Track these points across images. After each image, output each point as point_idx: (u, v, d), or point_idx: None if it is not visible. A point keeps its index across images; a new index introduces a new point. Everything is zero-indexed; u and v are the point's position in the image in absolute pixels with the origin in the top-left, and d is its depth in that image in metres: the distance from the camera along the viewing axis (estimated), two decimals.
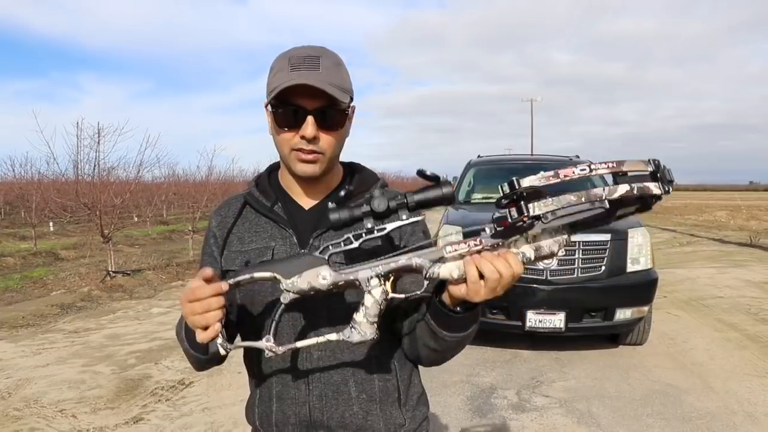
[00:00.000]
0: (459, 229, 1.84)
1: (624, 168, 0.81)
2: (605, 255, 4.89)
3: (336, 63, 1.09)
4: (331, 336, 0.97)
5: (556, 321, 4.77)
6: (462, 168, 7.22)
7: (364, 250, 0.99)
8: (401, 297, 0.99)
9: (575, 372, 4.67)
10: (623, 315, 4.85)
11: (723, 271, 9.62)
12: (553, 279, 4.82)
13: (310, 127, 1.06)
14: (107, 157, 9.20)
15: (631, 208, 0.87)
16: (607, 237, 4.91)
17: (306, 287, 0.95)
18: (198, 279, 0.95)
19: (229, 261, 1.17)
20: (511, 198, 0.85)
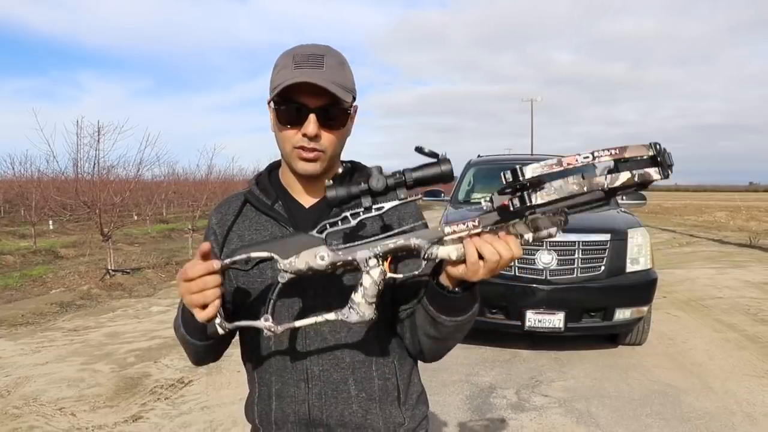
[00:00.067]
0: None
1: (626, 154, 0.81)
2: (605, 255, 4.89)
3: (340, 62, 1.10)
4: (330, 315, 0.96)
5: (555, 321, 4.77)
6: (462, 168, 7.23)
7: (360, 233, 0.97)
8: (399, 277, 0.99)
9: (574, 372, 4.67)
10: (622, 315, 4.85)
11: (722, 272, 9.63)
12: (553, 279, 4.82)
13: (312, 125, 1.06)
14: (107, 156, 9.24)
15: (630, 189, 0.87)
16: (607, 237, 4.92)
17: (304, 267, 0.94)
18: (195, 258, 0.95)
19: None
20: (514, 187, 0.84)
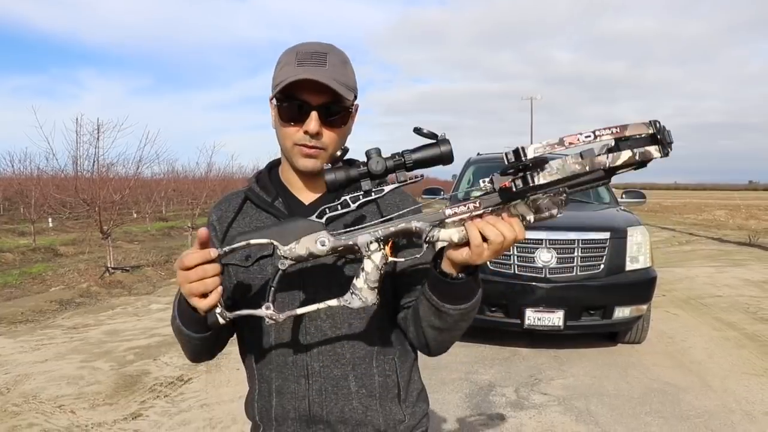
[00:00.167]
0: None
1: (627, 132, 0.81)
2: (604, 253, 4.89)
3: (343, 61, 1.10)
4: (332, 302, 0.95)
5: (554, 319, 4.77)
6: (462, 166, 7.23)
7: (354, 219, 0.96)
8: (401, 260, 0.98)
9: (574, 370, 4.67)
10: (622, 313, 4.86)
11: (722, 270, 9.64)
12: (552, 277, 4.83)
13: (313, 123, 1.07)
14: (106, 153, 9.26)
15: (630, 167, 0.87)
16: (606, 235, 4.92)
17: (304, 253, 0.92)
18: (194, 246, 0.94)
19: (229, 255, 1.17)
20: (516, 168, 0.83)
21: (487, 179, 0.90)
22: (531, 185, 0.82)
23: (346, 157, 1.24)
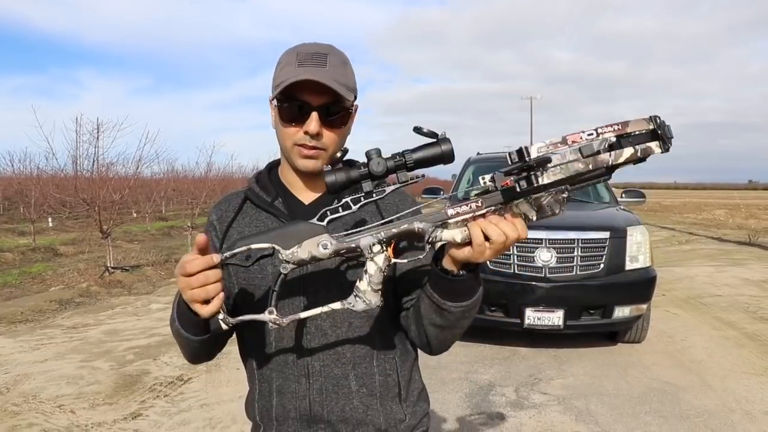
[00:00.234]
0: None
1: (629, 129, 0.82)
2: (604, 253, 4.89)
3: (343, 62, 1.10)
4: (336, 305, 0.94)
5: (554, 318, 4.78)
6: (461, 165, 7.23)
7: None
8: (404, 262, 0.98)
9: (573, 369, 4.68)
10: (622, 313, 4.86)
11: (721, 270, 9.65)
12: (552, 276, 4.83)
13: (314, 123, 1.07)
14: (106, 153, 9.25)
15: (632, 163, 0.87)
16: (606, 235, 4.92)
17: (306, 257, 0.92)
18: (192, 251, 0.93)
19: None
20: (520, 167, 0.83)
21: (488, 177, 0.90)
22: (535, 185, 0.82)
23: (345, 158, 1.25)
